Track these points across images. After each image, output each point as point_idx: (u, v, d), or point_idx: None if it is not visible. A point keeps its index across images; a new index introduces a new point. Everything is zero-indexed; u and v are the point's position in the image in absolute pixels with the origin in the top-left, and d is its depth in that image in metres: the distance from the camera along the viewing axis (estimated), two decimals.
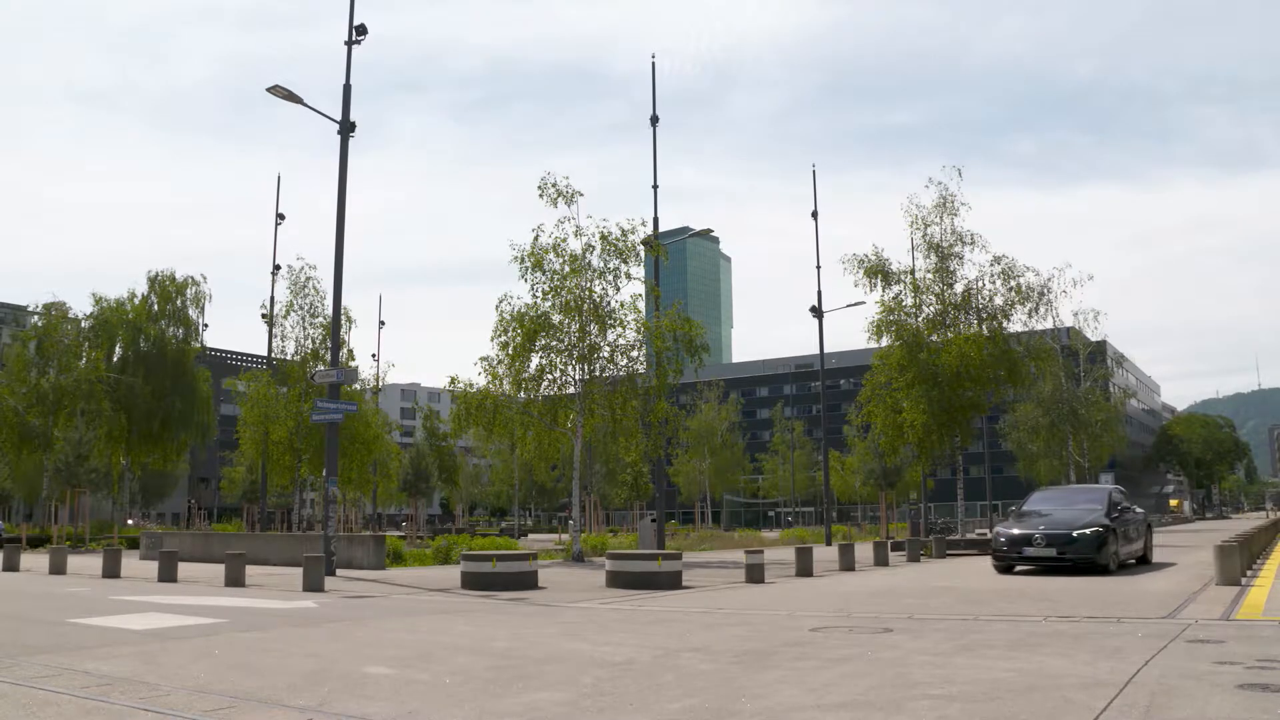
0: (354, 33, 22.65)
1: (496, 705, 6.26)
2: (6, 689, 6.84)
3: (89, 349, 48.73)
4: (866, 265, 35.29)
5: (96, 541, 43.49)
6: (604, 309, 27.70)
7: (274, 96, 22.07)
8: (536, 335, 27.38)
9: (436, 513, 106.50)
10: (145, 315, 49.27)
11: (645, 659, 8.28)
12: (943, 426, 34.61)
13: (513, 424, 28.49)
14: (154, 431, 48.53)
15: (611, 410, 27.75)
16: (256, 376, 41.72)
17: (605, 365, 27.92)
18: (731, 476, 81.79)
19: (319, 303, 37.79)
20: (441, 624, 11.41)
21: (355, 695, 6.60)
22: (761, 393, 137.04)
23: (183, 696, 6.51)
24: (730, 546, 38.85)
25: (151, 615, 12.32)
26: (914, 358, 34.21)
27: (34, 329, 50.47)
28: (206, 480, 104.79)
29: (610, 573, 17.48)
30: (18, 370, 47.25)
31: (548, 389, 28.09)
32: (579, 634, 10.25)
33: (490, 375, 27.83)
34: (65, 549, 25.01)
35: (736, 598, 15.06)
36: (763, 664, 7.90)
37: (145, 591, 16.81)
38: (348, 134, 22.68)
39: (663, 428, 28.75)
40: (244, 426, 41.41)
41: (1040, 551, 17.97)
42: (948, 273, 34.97)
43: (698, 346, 28.57)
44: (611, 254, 27.81)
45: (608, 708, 6.16)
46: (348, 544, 24.31)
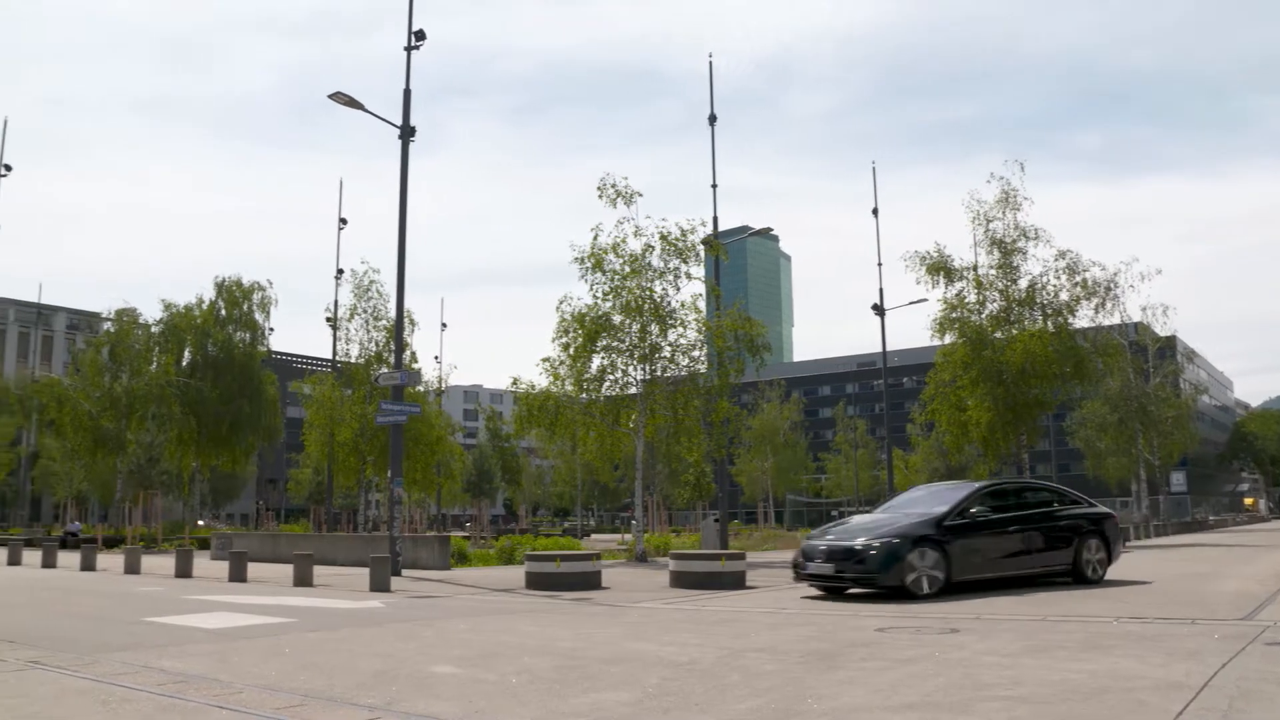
0: (412, 38, 22.84)
1: (562, 705, 6.28)
2: (88, 685, 6.99)
3: (159, 354, 49.63)
4: (928, 262, 35.01)
5: (168, 542, 44.29)
6: (665, 309, 27.68)
7: (334, 103, 22.33)
8: (598, 336, 27.43)
9: (500, 513, 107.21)
10: (213, 320, 50.08)
11: (710, 659, 8.26)
12: (1008, 424, 34.22)
13: (575, 424, 28.56)
14: (223, 434, 49.31)
15: (673, 410, 27.72)
16: (322, 379, 42.24)
17: (666, 365, 27.91)
18: (794, 476, 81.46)
19: (382, 306, 38.21)
20: (506, 624, 11.47)
21: (422, 694, 6.66)
22: (823, 391, 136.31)
23: (254, 694, 6.60)
24: (793, 546, 38.36)
25: (223, 614, 12.52)
26: (978, 355, 33.86)
27: (106, 335, 51.55)
28: (274, 482, 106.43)
29: (674, 573, 17.47)
30: (91, 375, 48.30)
31: (609, 389, 28.13)
32: (643, 634, 10.25)
33: (552, 376, 27.94)
34: (139, 549, 25.50)
35: (800, 598, 14.97)
36: (828, 664, 7.84)
37: (216, 591, 17.08)
38: (408, 138, 22.87)
39: (725, 427, 28.67)
40: (310, 429, 41.96)
41: (820, 568, 14.62)
42: (1011, 268, 34.58)
43: (759, 346, 28.46)
44: (671, 254, 27.78)
45: (673, 708, 6.15)
46: (413, 545, 24.52)
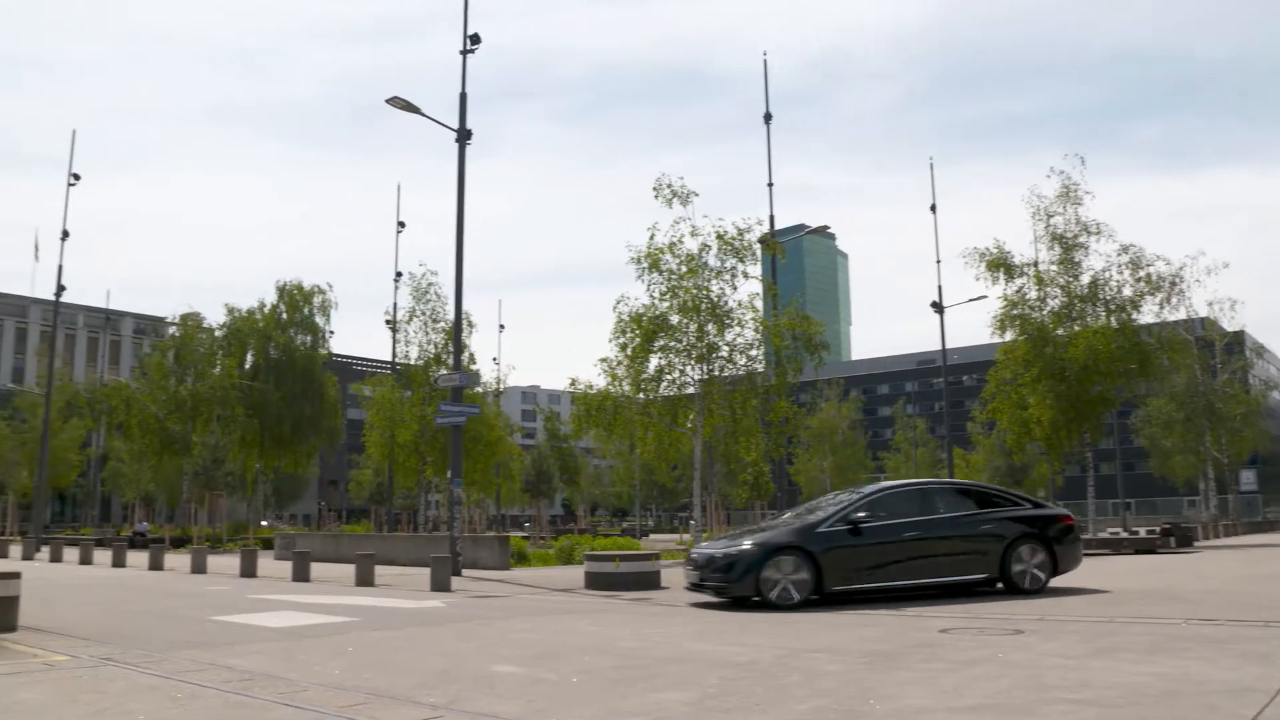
0: (468, 42, 23.00)
1: (622, 705, 6.29)
2: (158, 682, 7.12)
3: (223, 357, 50.39)
4: (988, 259, 34.62)
5: (233, 542, 45.01)
6: (722, 308, 27.61)
7: (392, 107, 22.55)
8: (655, 336, 27.42)
9: (558, 513, 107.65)
10: (275, 324, 50.77)
11: (770, 659, 8.24)
12: (1071, 422, 33.75)
13: (633, 424, 28.58)
14: (285, 436, 49.96)
15: (731, 410, 27.65)
16: (381, 381, 42.70)
17: (724, 365, 27.82)
18: (853, 475, 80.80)
19: (440, 308, 38.46)
20: (566, 624, 11.51)
21: (484, 694, 6.70)
22: (882, 390, 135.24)
23: (319, 692, 6.68)
24: None
25: (287, 613, 12.68)
26: (1040, 352, 33.43)
27: (172, 339, 52.46)
28: (335, 483, 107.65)
29: None
30: (158, 378, 49.17)
31: (667, 389, 28.11)
32: (703, 634, 10.25)
33: (610, 376, 27.97)
34: (205, 549, 25.94)
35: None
36: (891, 665, 7.78)
37: (280, 590, 17.31)
38: (465, 142, 23.04)
39: (783, 426, 28.55)
40: (370, 430, 42.41)
41: (690, 575, 14.57)
42: (1073, 264, 34.10)
43: (817, 344, 28.32)
44: (728, 253, 27.70)
45: (734, 708, 6.14)
46: (473, 545, 24.70)
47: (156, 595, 16.71)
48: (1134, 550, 29.99)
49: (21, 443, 62.68)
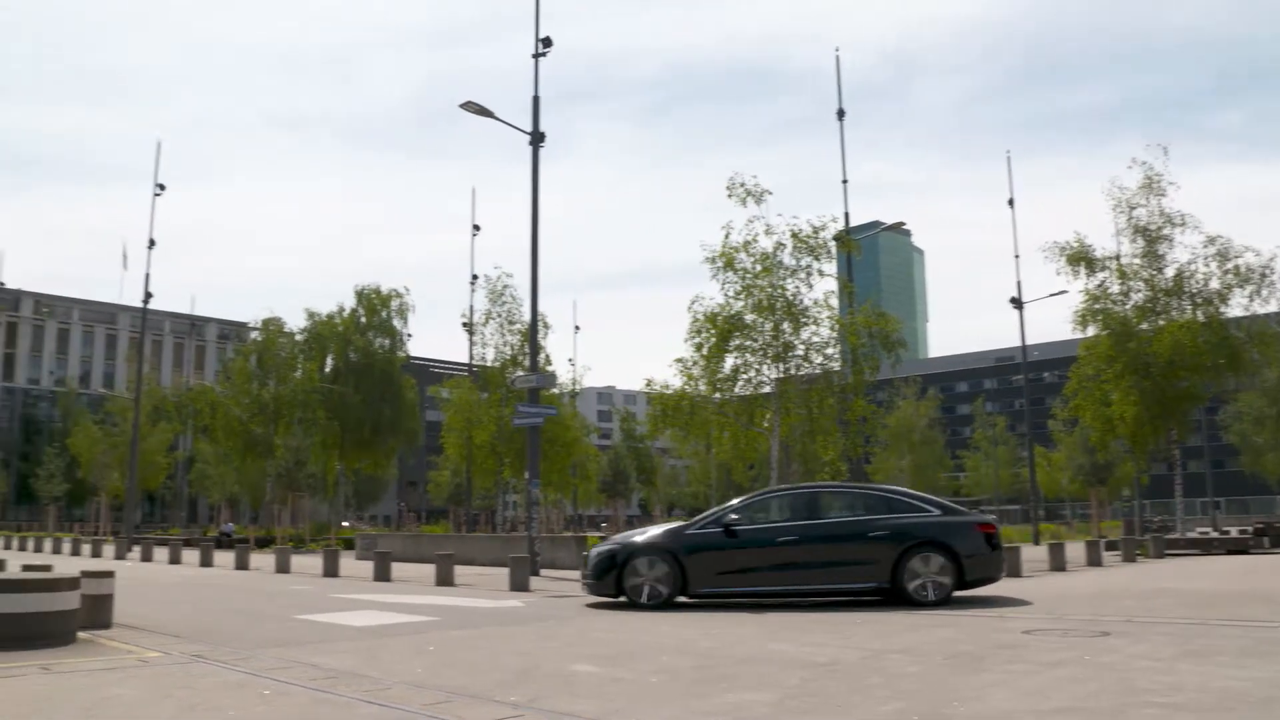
0: (540, 45, 23.12)
1: (701, 705, 6.28)
2: (246, 679, 7.26)
3: (304, 361, 51.28)
4: (1068, 252, 34.01)
5: (315, 542, 45.75)
6: (797, 307, 27.45)
7: (465, 112, 22.76)
8: (730, 335, 27.35)
9: (635, 513, 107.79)
10: (354, 328, 51.52)
11: (850, 660, 8.17)
12: (1156, 419, 33.03)
13: (709, 424, 28.54)
14: (365, 438, 50.67)
15: (808, 409, 27.48)
16: (459, 383, 43.15)
17: (800, 363, 27.66)
18: (932, 474, 79.89)
19: (516, 310, 38.76)
20: (644, 623, 11.52)
21: (563, 693, 6.73)
22: (961, 388, 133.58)
23: (402, 690, 6.77)
24: None
25: (369, 613, 12.86)
26: (1123, 347, 32.78)
27: (254, 344, 53.50)
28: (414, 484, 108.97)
29: None
30: (241, 382, 50.18)
31: (743, 388, 28.01)
32: (782, 634, 10.20)
33: (685, 376, 27.95)
34: (288, 549, 26.39)
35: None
36: (973, 666, 7.68)
37: (362, 590, 17.55)
38: (538, 144, 23.16)
39: (860, 425, 28.31)
40: (448, 431, 42.85)
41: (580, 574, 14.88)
42: (1156, 256, 33.37)
43: (894, 342, 28.05)
44: (803, 251, 27.54)
45: (814, 709, 6.11)
46: (551, 545, 24.84)
47: (243, 594, 17.04)
48: (1225, 551, 29.27)
49: (113, 446, 64.38)
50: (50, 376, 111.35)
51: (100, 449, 65.32)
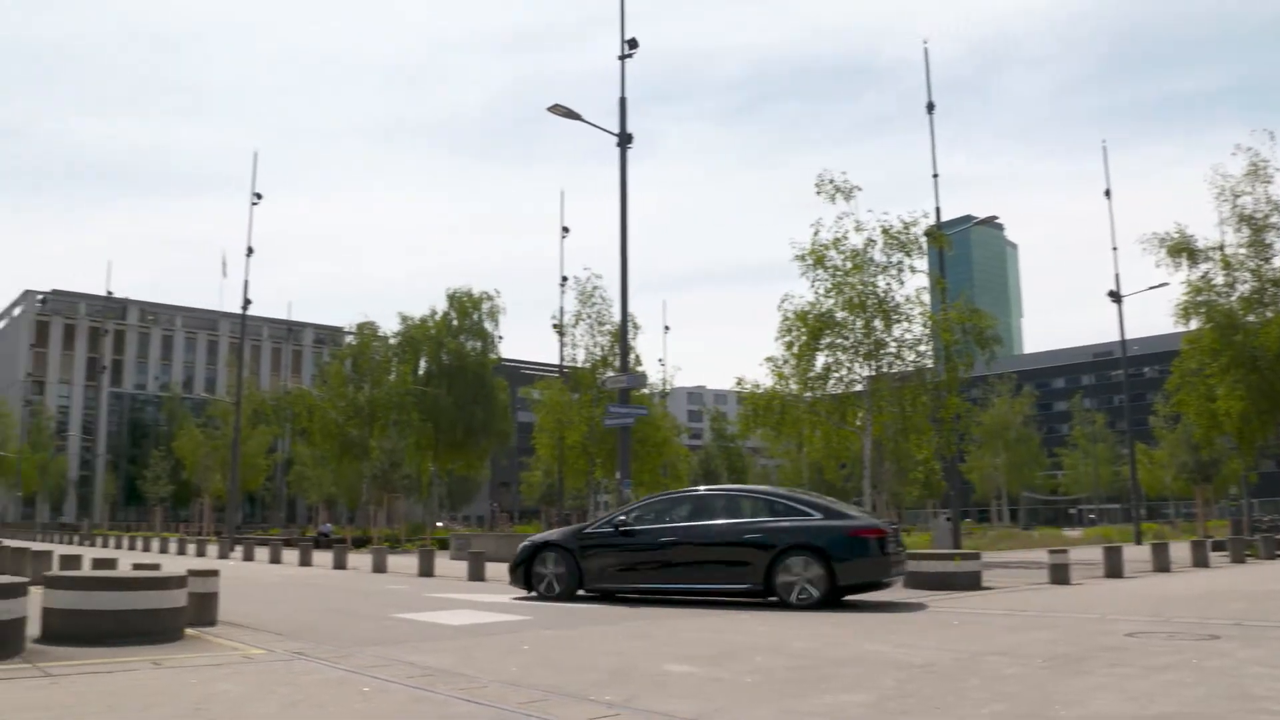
0: (625, 47, 23.19)
1: (798, 705, 6.24)
2: (345, 676, 7.39)
3: (397, 364, 52.05)
4: (1168, 244, 33.13)
5: (410, 542, 46.44)
6: (888, 304, 27.18)
7: (552, 115, 22.92)
8: (821, 333, 27.16)
9: None
10: (446, 330, 52.17)
11: (947, 661, 8.06)
12: (1264, 414, 32.02)
13: (800, 423, 28.38)
14: (458, 439, 51.27)
15: (901, 407, 27.17)
16: (550, 384, 43.40)
17: (892, 361, 27.37)
18: (1028, 472, 78.58)
19: (606, 311, 38.88)
20: (737, 623, 11.49)
21: (658, 692, 6.73)
22: (1057, 384, 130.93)
23: (498, 689, 6.83)
24: (1030, 546, 37.35)
25: (464, 612, 13.00)
26: (1228, 340, 31.83)
27: (349, 348, 54.53)
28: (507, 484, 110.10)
29: (906, 572, 17.12)
30: (337, 386, 51.18)
31: (834, 387, 27.79)
32: (877, 635, 10.09)
33: (776, 375, 27.82)
34: (384, 549, 26.81)
35: (1040, 599, 14.43)
36: (1075, 669, 7.52)
37: (457, 589, 17.75)
38: (626, 145, 23.22)
39: (954, 423, 27.90)
40: (540, 432, 43.15)
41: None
42: (1263, 246, 32.33)
43: (988, 338, 27.62)
44: (894, 247, 27.24)
45: (911, 710, 6.03)
46: None
47: (341, 593, 17.35)
48: None
49: (215, 448, 66.15)
50: (155, 382, 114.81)
51: (203, 451, 67.16)
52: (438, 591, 17.22)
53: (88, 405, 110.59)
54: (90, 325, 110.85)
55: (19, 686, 6.66)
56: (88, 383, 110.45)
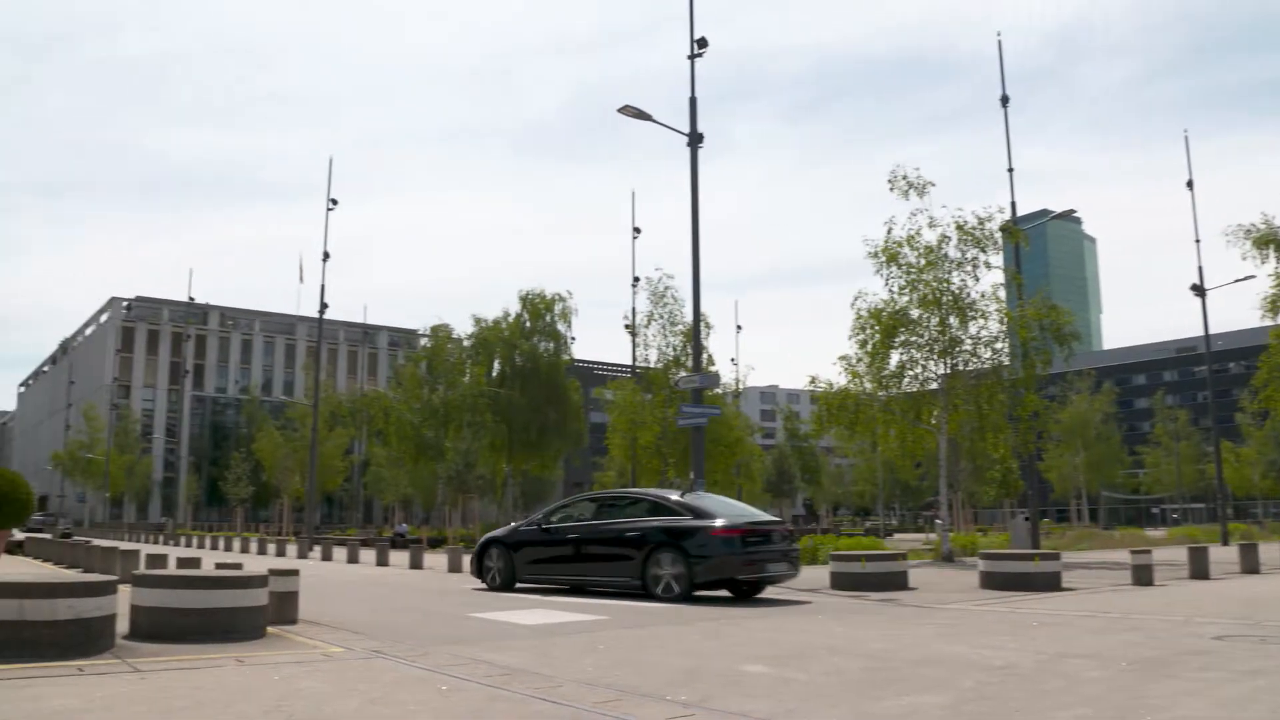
0: (695, 46, 23.14)
1: (874, 707, 6.18)
2: (423, 674, 7.47)
3: (471, 365, 52.43)
4: (1255, 235, 32.27)
5: None
6: (964, 300, 26.86)
7: (622, 116, 22.95)
8: (895, 331, 26.92)
9: (800, 513, 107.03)
10: (519, 332, 52.45)
11: (1028, 663, 7.93)
12: None
13: (875, 422, 28.14)
14: (532, 440, 51.52)
15: (977, 405, 26.84)
16: (622, 385, 43.50)
17: (968, 359, 27.05)
18: (1108, 471, 77.05)
19: (678, 310, 38.85)
20: (813, 624, 11.42)
21: (733, 692, 6.72)
22: (1138, 380, 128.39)
23: (573, 688, 6.85)
24: (1111, 546, 36.62)
25: (539, 611, 13.07)
26: None
27: (424, 350, 55.09)
28: (580, 485, 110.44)
29: (983, 573, 16.90)
30: (412, 387, 51.76)
31: (909, 385, 27.54)
32: (954, 636, 9.97)
33: (850, 374, 27.64)
34: (460, 549, 27.03)
35: (1123, 601, 14.14)
36: (1161, 673, 7.36)
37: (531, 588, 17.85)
38: (696, 145, 23.17)
39: (1032, 421, 27.49)
40: (613, 433, 43.26)
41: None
42: None
43: (1066, 335, 27.18)
44: (968, 243, 26.94)
45: (991, 713, 5.94)
46: None
47: (418, 593, 17.53)
48: None
49: (293, 450, 67.30)
50: (236, 385, 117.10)
51: (282, 453, 68.35)
52: (513, 591, 17.33)
53: (171, 408, 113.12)
54: (173, 330, 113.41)
55: (110, 681, 6.84)
56: (171, 386, 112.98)
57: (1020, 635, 9.98)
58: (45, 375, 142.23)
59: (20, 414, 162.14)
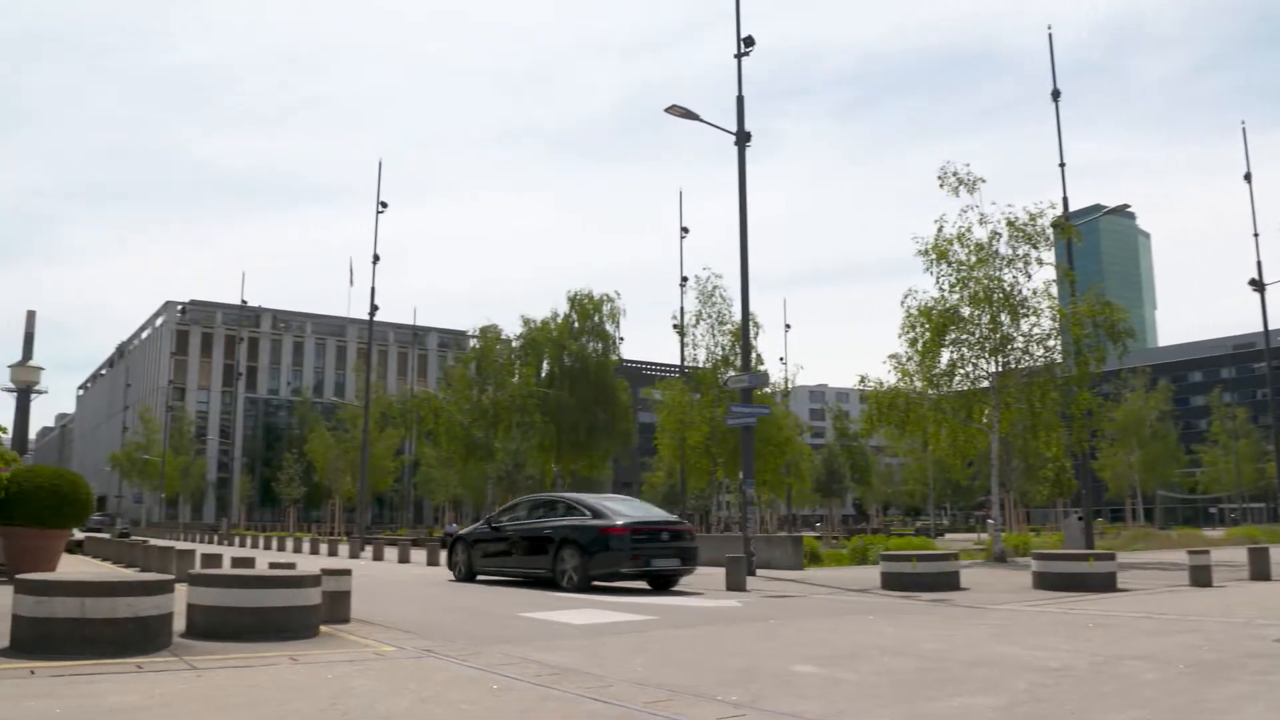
0: (742, 45, 23.06)
1: (928, 708, 6.13)
2: (474, 674, 7.51)
3: (520, 366, 52.60)
4: None
5: None
6: (1015, 298, 26.59)
7: (669, 116, 22.92)
8: (946, 329, 26.70)
9: (850, 513, 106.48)
10: (567, 332, 52.57)
11: (1083, 665, 7.83)
12: None
13: (925, 421, 27.93)
14: (581, 440, 51.61)
15: (1029, 403, 26.55)
16: (671, 384, 43.48)
17: (1020, 356, 26.78)
18: (1164, 470, 75.91)
19: (726, 310, 38.78)
20: (864, 624, 11.36)
21: (785, 693, 6.69)
22: (1194, 377, 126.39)
23: (624, 688, 6.86)
24: (1167, 546, 36.09)
25: (589, 611, 13.09)
26: None
27: (473, 351, 55.35)
28: (629, 485, 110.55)
29: (1036, 573, 16.72)
30: (461, 388, 52.03)
31: (960, 384, 27.31)
32: (1008, 637, 9.87)
33: (900, 373, 27.46)
34: None
35: (1180, 602, 13.93)
36: (1220, 676, 7.24)
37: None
38: (744, 144, 23.09)
39: (1086, 420, 27.14)
40: (661, 433, 43.25)
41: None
42: None
43: (1120, 331, 26.81)
44: (1019, 240, 26.66)
45: (1045, 716, 5.87)
46: (766, 544, 24.77)
47: (468, 593, 17.61)
48: None
49: (344, 451, 67.90)
50: (288, 387, 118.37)
51: (333, 454, 68.98)
52: (562, 591, 17.38)
53: (224, 410, 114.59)
54: (226, 333, 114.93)
55: (168, 679, 6.94)
56: (224, 388, 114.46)
57: (1075, 637, 9.86)
58: (103, 378, 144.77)
59: (79, 416, 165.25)
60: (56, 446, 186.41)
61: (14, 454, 16.62)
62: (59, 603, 7.94)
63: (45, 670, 7.15)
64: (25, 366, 22.34)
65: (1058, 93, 30.32)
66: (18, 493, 15.91)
